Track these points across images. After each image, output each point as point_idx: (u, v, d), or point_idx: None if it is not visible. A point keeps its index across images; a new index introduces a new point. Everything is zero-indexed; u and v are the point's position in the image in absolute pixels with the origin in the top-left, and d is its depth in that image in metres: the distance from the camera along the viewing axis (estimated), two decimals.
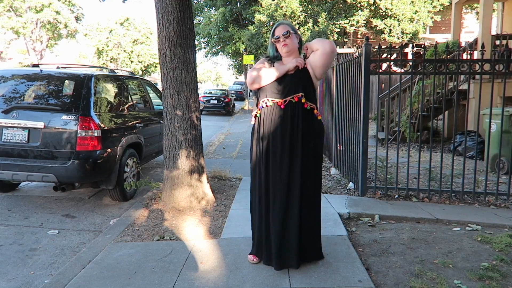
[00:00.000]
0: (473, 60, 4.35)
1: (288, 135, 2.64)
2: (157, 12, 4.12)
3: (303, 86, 2.68)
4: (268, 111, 2.69)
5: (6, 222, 4.11)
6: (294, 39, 2.73)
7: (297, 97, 2.66)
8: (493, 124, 5.84)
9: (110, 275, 2.75)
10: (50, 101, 4.43)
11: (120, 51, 37.76)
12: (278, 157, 2.66)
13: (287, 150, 2.65)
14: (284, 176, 2.65)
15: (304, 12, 18.31)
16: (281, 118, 2.65)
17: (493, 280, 2.62)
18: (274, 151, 2.67)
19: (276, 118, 2.66)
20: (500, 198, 4.51)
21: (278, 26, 2.76)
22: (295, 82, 2.67)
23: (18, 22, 29.11)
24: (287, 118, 2.65)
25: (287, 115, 2.65)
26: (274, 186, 2.67)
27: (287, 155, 2.65)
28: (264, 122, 2.70)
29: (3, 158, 4.24)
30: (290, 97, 2.65)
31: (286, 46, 2.71)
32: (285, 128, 2.65)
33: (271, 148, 2.67)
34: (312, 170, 2.73)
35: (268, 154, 2.69)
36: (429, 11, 17.78)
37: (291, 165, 2.65)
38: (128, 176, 4.89)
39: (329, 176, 5.84)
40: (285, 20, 2.84)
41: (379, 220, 3.89)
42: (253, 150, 2.79)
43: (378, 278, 2.69)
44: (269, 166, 2.69)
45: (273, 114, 2.67)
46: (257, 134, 2.74)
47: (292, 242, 2.67)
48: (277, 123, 2.66)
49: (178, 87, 4.17)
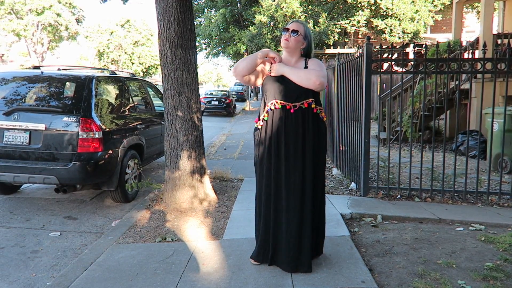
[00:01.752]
0: (475, 59, 4.34)
1: (300, 139, 2.63)
2: (158, 13, 4.12)
3: (313, 91, 2.66)
4: (277, 114, 2.66)
5: (8, 224, 4.11)
6: (299, 41, 2.70)
7: (307, 103, 2.64)
8: (495, 124, 5.81)
9: (112, 277, 2.74)
10: (51, 103, 4.43)
11: (121, 53, 37.80)
12: (292, 160, 2.64)
13: (300, 153, 2.63)
14: (298, 179, 2.63)
15: (305, 12, 18.29)
16: (291, 122, 2.63)
17: (497, 280, 2.60)
18: (286, 155, 2.64)
19: (286, 122, 2.64)
20: (503, 198, 4.49)
21: (293, 22, 2.74)
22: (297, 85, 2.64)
23: (19, 25, 29.19)
24: (297, 122, 2.63)
25: (297, 120, 2.63)
26: (287, 189, 2.65)
27: (300, 158, 2.64)
28: (273, 125, 2.67)
29: (5, 160, 4.24)
30: (300, 102, 2.63)
31: (286, 42, 2.69)
32: (295, 132, 2.63)
33: (283, 151, 2.64)
34: (321, 171, 2.75)
35: (279, 157, 2.66)
36: (430, 11, 17.74)
37: (303, 168, 2.64)
38: (130, 178, 4.88)
39: (331, 176, 5.82)
40: (303, 21, 2.80)
41: (382, 220, 3.87)
42: (260, 153, 2.74)
43: (381, 279, 2.67)
44: (280, 169, 2.66)
45: (283, 118, 2.64)
46: (265, 137, 2.70)
47: (306, 244, 2.66)
48: (287, 126, 2.64)
49: (179, 88, 4.16)
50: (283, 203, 2.67)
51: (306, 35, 2.73)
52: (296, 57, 2.76)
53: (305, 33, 2.72)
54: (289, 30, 2.69)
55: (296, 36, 2.68)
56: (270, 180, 2.70)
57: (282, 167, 2.66)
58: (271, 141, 2.67)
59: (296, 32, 2.68)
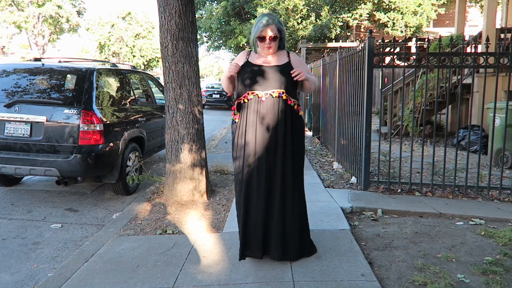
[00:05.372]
0: (477, 53, 4.30)
1: (272, 129, 2.63)
2: (159, 5, 4.09)
3: (285, 80, 2.66)
4: (249, 104, 2.68)
5: (9, 216, 4.13)
6: (278, 41, 2.70)
7: (278, 92, 2.64)
8: (497, 118, 5.79)
9: (113, 269, 2.76)
10: (53, 95, 4.43)
11: (122, 46, 37.66)
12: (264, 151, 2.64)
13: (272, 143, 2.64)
14: (266, 170, 2.64)
15: (307, 5, 18.17)
16: (263, 111, 2.64)
17: (496, 274, 2.61)
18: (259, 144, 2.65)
19: (257, 111, 2.64)
20: (503, 193, 4.49)
21: (267, 25, 2.64)
22: (276, 77, 2.65)
23: (20, 17, 29.06)
24: (269, 110, 2.63)
25: (270, 108, 2.63)
26: (258, 180, 2.65)
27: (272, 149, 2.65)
28: (246, 115, 2.68)
29: (6, 152, 4.25)
30: (270, 91, 2.64)
31: (269, 49, 2.68)
32: (268, 121, 2.64)
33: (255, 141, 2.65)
34: (295, 165, 2.72)
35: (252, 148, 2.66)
36: (432, 4, 17.60)
37: (275, 158, 2.65)
38: (131, 170, 4.89)
39: (331, 170, 5.82)
40: (272, 15, 2.72)
41: (382, 214, 3.88)
42: (234, 144, 2.77)
43: (381, 272, 2.68)
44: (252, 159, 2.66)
45: (254, 107, 2.65)
46: (239, 128, 2.72)
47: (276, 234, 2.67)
48: (258, 116, 2.64)
49: (180, 81, 4.15)
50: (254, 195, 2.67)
51: (280, 29, 2.69)
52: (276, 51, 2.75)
53: (279, 29, 2.68)
54: (266, 38, 2.65)
55: (276, 40, 2.67)
56: (244, 172, 2.69)
57: (255, 158, 2.65)
58: (245, 133, 2.69)
59: (275, 37, 2.65)
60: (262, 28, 2.64)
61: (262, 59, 2.73)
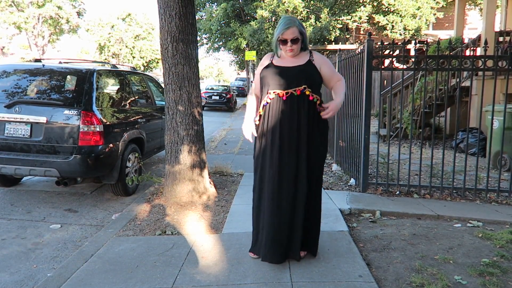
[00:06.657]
0: (476, 56, 4.33)
1: (295, 127, 2.62)
2: (159, 7, 4.11)
3: (306, 78, 2.65)
4: (272, 105, 2.67)
5: (9, 216, 4.14)
6: (300, 43, 2.68)
7: (299, 90, 2.63)
8: (495, 121, 5.82)
9: (112, 269, 2.77)
10: (53, 96, 4.44)
11: (122, 47, 37.73)
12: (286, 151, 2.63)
13: (294, 144, 2.63)
14: (292, 170, 2.64)
15: (307, 8, 18.23)
16: (285, 110, 2.63)
17: (493, 276, 2.63)
18: (281, 145, 2.63)
19: (279, 111, 2.64)
20: (501, 195, 4.51)
21: (287, 28, 2.61)
22: (297, 75, 2.65)
23: (20, 17, 29.10)
24: (292, 109, 2.62)
25: (292, 107, 2.62)
26: (280, 180, 2.64)
27: (295, 149, 2.63)
28: (269, 117, 2.67)
29: (6, 153, 4.26)
30: (292, 89, 2.63)
31: (292, 52, 2.66)
32: (290, 120, 2.62)
33: (277, 142, 2.64)
34: (317, 163, 2.73)
35: (274, 148, 2.65)
36: (432, 7, 17.68)
37: (298, 159, 2.64)
38: (130, 171, 4.91)
39: (330, 172, 5.84)
40: (293, 18, 2.70)
41: (380, 216, 3.90)
42: (257, 146, 2.77)
43: (379, 273, 2.70)
44: (274, 159, 2.65)
45: (277, 107, 2.65)
46: (262, 130, 2.71)
47: (297, 235, 2.69)
48: (282, 114, 2.63)
49: (180, 82, 4.17)
50: (275, 195, 2.66)
51: (302, 31, 2.68)
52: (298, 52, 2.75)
53: (300, 31, 2.66)
54: (288, 40, 2.62)
55: (298, 42, 2.65)
56: (264, 172, 2.70)
57: (276, 158, 2.65)
58: (267, 133, 2.68)
59: (296, 39, 2.63)
60: (284, 31, 2.63)
61: (284, 60, 2.73)
